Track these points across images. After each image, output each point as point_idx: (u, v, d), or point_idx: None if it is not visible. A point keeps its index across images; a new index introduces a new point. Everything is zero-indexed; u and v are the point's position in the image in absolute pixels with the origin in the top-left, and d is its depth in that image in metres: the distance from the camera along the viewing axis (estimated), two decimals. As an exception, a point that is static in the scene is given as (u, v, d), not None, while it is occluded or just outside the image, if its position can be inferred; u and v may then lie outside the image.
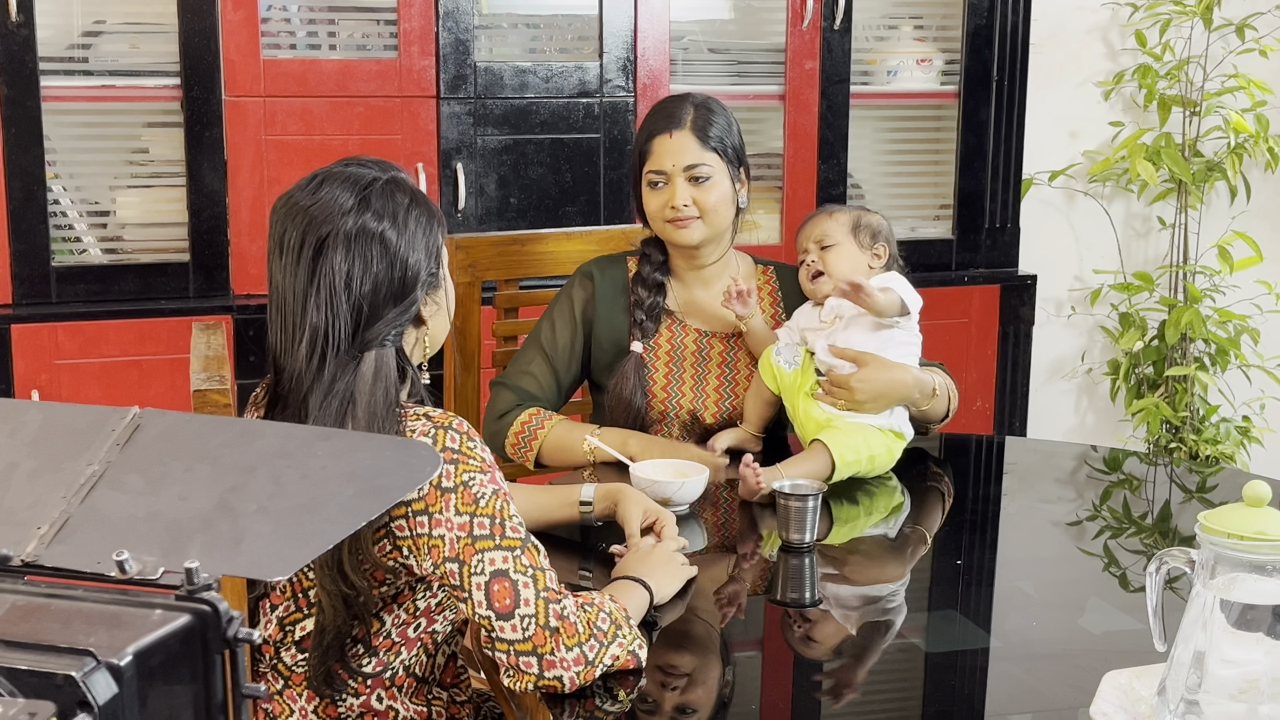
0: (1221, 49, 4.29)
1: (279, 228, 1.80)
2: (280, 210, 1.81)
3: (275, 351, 1.81)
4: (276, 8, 3.50)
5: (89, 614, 0.91)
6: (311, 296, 1.75)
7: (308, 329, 1.75)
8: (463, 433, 1.74)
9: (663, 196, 2.53)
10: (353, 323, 1.76)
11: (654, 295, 2.60)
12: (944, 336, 3.96)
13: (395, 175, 1.83)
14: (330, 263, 1.75)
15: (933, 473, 2.61)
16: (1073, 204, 4.49)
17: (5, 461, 1.06)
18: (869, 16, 4.00)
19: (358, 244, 1.75)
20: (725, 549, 2.24)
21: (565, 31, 3.75)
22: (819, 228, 2.56)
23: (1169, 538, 2.31)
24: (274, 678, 1.88)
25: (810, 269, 2.55)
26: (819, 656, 1.86)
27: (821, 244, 2.54)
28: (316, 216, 1.76)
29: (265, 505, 1.00)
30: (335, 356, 1.75)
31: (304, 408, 1.75)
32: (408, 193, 1.82)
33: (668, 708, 1.69)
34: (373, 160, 1.86)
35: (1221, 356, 4.36)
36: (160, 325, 3.41)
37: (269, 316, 1.82)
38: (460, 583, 1.69)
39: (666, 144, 2.53)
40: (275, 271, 1.80)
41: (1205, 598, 1.46)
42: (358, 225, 1.76)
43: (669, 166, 2.52)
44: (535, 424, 2.50)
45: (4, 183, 3.33)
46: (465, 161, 3.60)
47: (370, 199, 1.78)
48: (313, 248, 1.76)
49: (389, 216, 1.78)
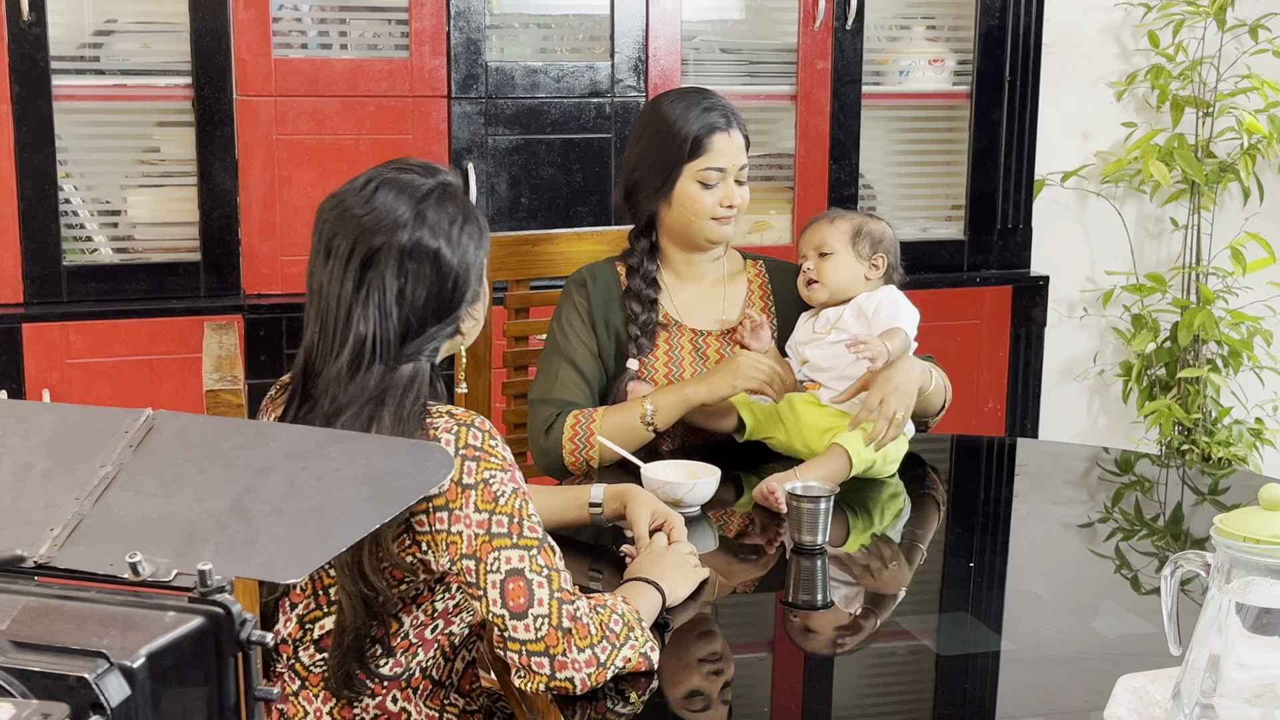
0: (1235, 49, 4.27)
1: (328, 231, 1.79)
2: (330, 214, 1.81)
3: (312, 353, 1.81)
4: (288, 7, 3.50)
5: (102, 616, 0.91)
6: (358, 306, 1.76)
7: (352, 338, 1.76)
8: (485, 431, 1.74)
9: (716, 195, 2.53)
10: (399, 335, 1.77)
11: (647, 311, 2.59)
12: (955, 338, 3.95)
13: (445, 181, 1.83)
14: (381, 274, 1.76)
15: (943, 476, 2.60)
16: (1085, 205, 4.48)
17: (19, 463, 1.06)
18: (881, 17, 4.00)
19: (412, 259, 1.76)
20: (736, 550, 2.24)
21: (576, 31, 3.75)
22: (819, 234, 2.56)
23: (1181, 540, 2.30)
24: (291, 678, 1.88)
25: (805, 275, 2.56)
26: (830, 658, 1.85)
27: (819, 251, 2.54)
28: (369, 226, 1.77)
29: (279, 507, 1.00)
30: (375, 366, 1.76)
31: (337, 412, 1.76)
32: (459, 204, 1.82)
33: (679, 710, 1.68)
34: (422, 165, 1.85)
35: (1234, 358, 4.35)
36: (171, 325, 3.42)
37: (306, 315, 1.83)
38: (475, 580, 1.69)
39: (726, 143, 2.53)
40: (319, 274, 1.80)
41: (1221, 601, 1.45)
42: (413, 240, 1.77)
43: (729, 165, 2.53)
44: (585, 423, 2.46)
45: (15, 182, 3.33)
46: (476, 161, 3.60)
47: (426, 213, 1.78)
48: (362, 257, 1.76)
49: (443, 233, 1.78)
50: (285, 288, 3.52)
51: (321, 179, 3.50)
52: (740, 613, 2.01)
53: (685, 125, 2.52)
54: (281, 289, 3.52)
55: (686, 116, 2.53)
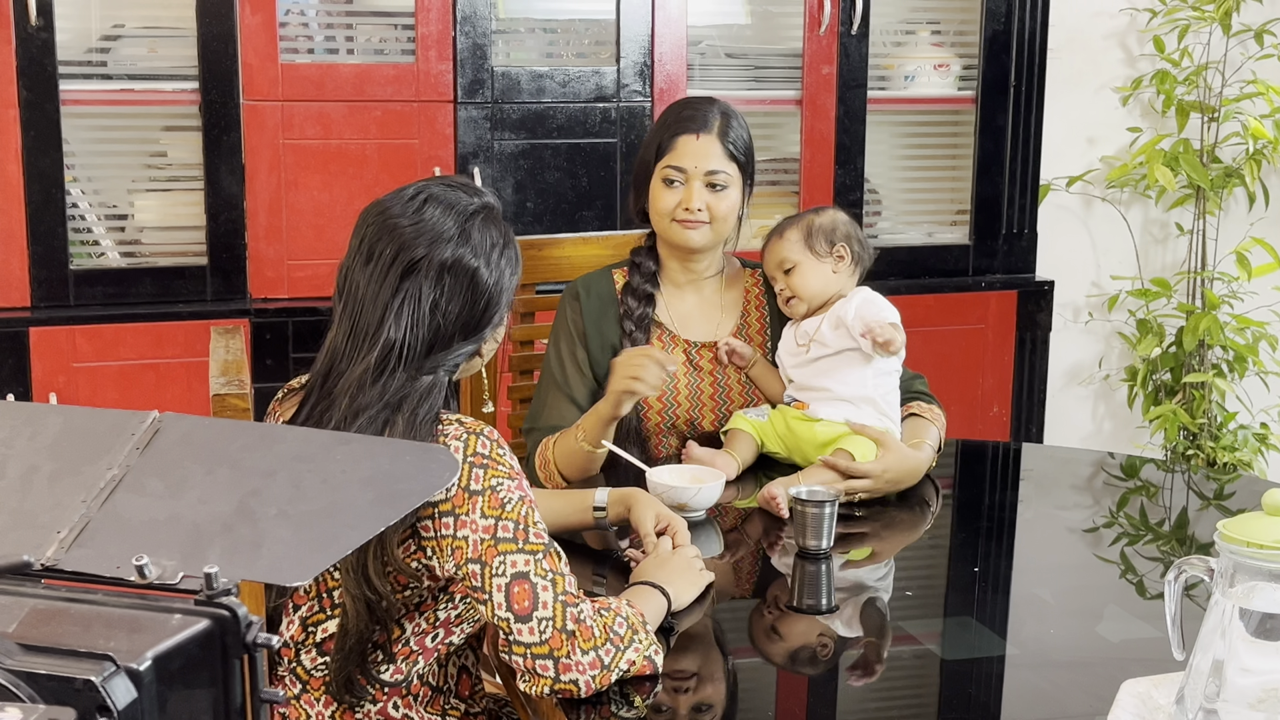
0: (1240, 55, 4.27)
1: (372, 236, 1.83)
2: (375, 221, 1.84)
3: (337, 351, 1.83)
4: (294, 13, 3.51)
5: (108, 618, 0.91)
6: (391, 311, 1.79)
7: (382, 341, 1.79)
8: (493, 440, 1.76)
9: (677, 195, 2.53)
10: (426, 345, 1.80)
11: (643, 306, 2.59)
12: (960, 342, 3.95)
13: (489, 204, 1.89)
14: (419, 284, 1.80)
15: (946, 481, 2.60)
16: (1090, 210, 4.48)
17: (25, 465, 1.06)
18: (886, 22, 4.00)
19: (451, 274, 1.81)
20: (741, 554, 2.24)
21: (582, 36, 3.75)
22: (775, 253, 2.54)
23: (1186, 545, 2.30)
24: (292, 681, 1.88)
25: (782, 296, 2.55)
26: (835, 663, 1.85)
27: (783, 268, 2.53)
28: (415, 237, 1.81)
29: (285, 509, 1.00)
30: (399, 373, 1.79)
31: (355, 413, 1.77)
32: (501, 229, 1.88)
33: (683, 713, 1.69)
34: (465, 183, 1.90)
35: (1239, 363, 4.35)
36: (178, 328, 3.42)
37: (334, 314, 1.86)
38: (481, 584, 1.69)
39: (692, 145, 2.52)
40: (358, 276, 1.83)
41: (1224, 606, 1.45)
42: (455, 256, 1.81)
43: (690, 167, 2.52)
44: (545, 451, 2.49)
45: (23, 186, 3.34)
46: (482, 166, 3.60)
47: (471, 232, 1.83)
48: (404, 264, 1.80)
49: (484, 255, 1.83)
50: (292, 292, 3.52)
51: (328, 183, 3.51)
52: (744, 617, 2.01)
53: (660, 128, 2.58)
54: (288, 293, 3.52)
55: (665, 120, 2.58)
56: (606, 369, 2.57)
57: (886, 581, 2.13)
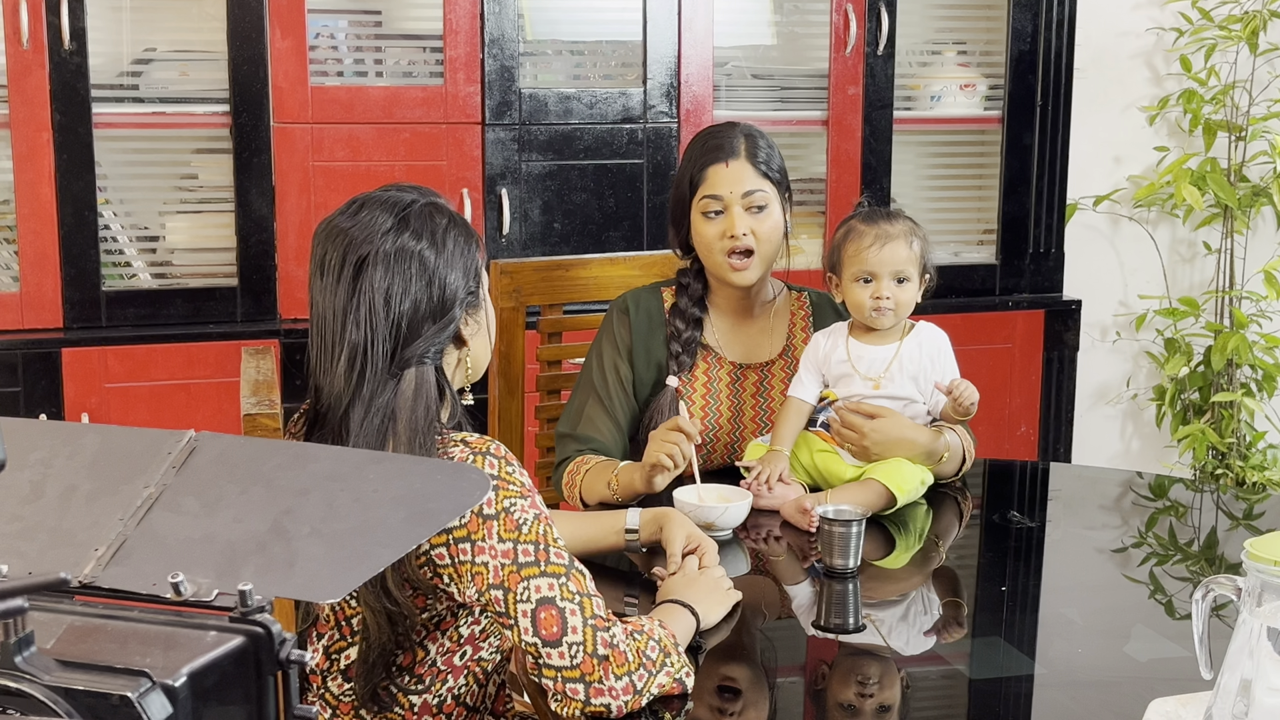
0: (1267, 74, 4.27)
1: (319, 250, 1.83)
2: (321, 234, 1.85)
3: (315, 371, 1.83)
4: (324, 36, 3.54)
5: (144, 635, 0.92)
6: (351, 314, 1.78)
7: (346, 346, 1.78)
8: (500, 457, 1.75)
9: (720, 225, 2.51)
10: (392, 340, 1.79)
11: (691, 329, 2.59)
12: (988, 362, 3.95)
13: (434, 199, 1.87)
14: (370, 281, 1.78)
15: (974, 500, 2.60)
16: (1117, 229, 4.48)
17: (64, 484, 1.08)
18: (912, 42, 4.01)
19: (397, 262, 1.79)
20: (768, 574, 2.24)
21: (609, 58, 3.77)
22: (897, 255, 2.41)
23: (1215, 565, 2.30)
24: (322, 706, 1.89)
25: (878, 304, 2.42)
26: (862, 682, 1.85)
27: (897, 277, 2.42)
28: (356, 237, 1.80)
29: (318, 528, 1.01)
30: (374, 374, 1.78)
31: (344, 425, 1.78)
32: (446, 214, 1.85)
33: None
34: (412, 186, 1.90)
35: (1268, 382, 4.33)
36: (209, 349, 3.45)
37: (309, 339, 1.85)
38: (506, 609, 1.69)
39: (723, 172, 2.52)
40: (316, 293, 1.83)
41: (1252, 625, 1.45)
42: (396, 245, 1.79)
43: (726, 193, 2.51)
44: (577, 471, 2.49)
45: (56, 208, 3.38)
46: (510, 187, 3.62)
47: (409, 219, 1.81)
48: (353, 267, 1.79)
49: (427, 236, 1.81)
50: (320, 312, 3.54)
51: (356, 205, 3.53)
52: (772, 637, 2.01)
53: (688, 163, 2.57)
54: (317, 314, 3.54)
55: (690, 155, 2.58)
56: (650, 388, 2.58)
57: (913, 601, 2.13)
